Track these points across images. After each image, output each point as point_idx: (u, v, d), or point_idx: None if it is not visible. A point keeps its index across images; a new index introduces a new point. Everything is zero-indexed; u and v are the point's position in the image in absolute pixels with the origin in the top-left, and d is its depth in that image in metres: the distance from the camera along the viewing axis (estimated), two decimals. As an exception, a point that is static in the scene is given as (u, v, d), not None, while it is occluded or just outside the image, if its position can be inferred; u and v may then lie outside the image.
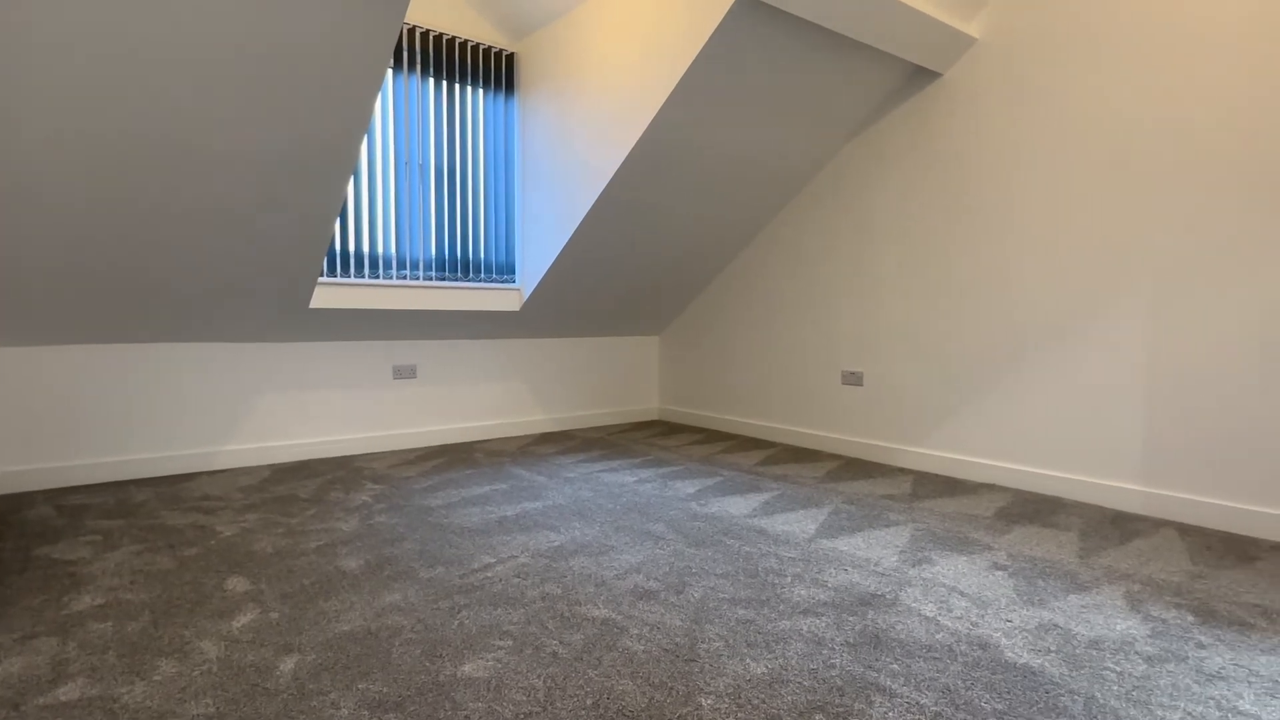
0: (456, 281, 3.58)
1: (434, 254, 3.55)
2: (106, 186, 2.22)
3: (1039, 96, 2.76)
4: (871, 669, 1.41)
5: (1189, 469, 2.43)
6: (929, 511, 2.54)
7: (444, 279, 3.58)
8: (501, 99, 3.69)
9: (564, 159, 3.40)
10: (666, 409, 4.66)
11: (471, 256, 3.68)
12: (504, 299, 3.68)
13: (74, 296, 2.56)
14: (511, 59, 3.71)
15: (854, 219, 3.46)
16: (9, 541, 2.14)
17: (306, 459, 3.35)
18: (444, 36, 3.47)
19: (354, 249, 3.27)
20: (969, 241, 3.01)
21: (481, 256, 3.71)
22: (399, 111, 3.35)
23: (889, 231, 3.31)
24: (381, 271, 3.36)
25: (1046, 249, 2.77)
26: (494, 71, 3.65)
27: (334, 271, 3.21)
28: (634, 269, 3.81)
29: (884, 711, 1.26)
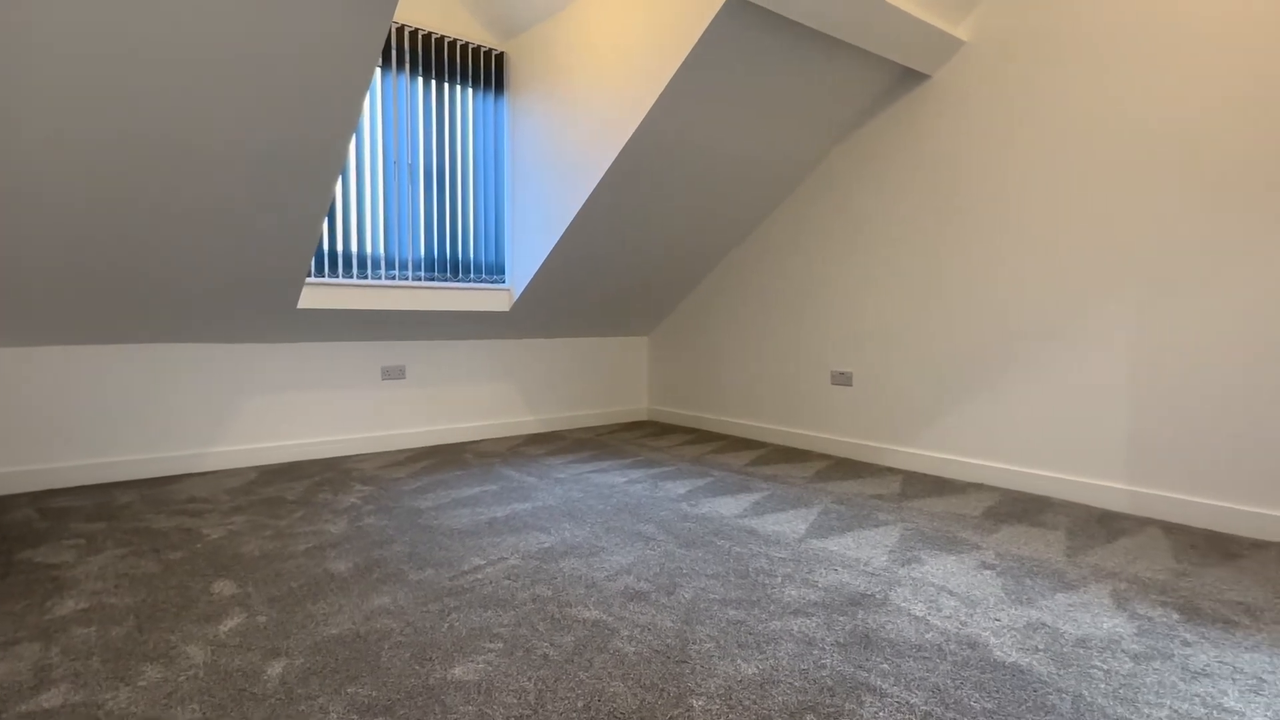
0: (446, 282, 3.56)
1: (423, 254, 3.53)
2: (91, 186, 2.20)
3: (1027, 99, 2.78)
4: (862, 669, 1.42)
5: (1173, 468, 2.45)
6: (918, 511, 2.55)
7: (433, 279, 3.56)
8: (491, 99, 3.68)
9: (554, 159, 3.40)
10: (656, 409, 4.66)
11: (461, 256, 3.66)
12: (493, 299, 3.67)
13: (55, 297, 2.53)
14: (501, 59, 3.69)
15: (844, 220, 3.47)
16: (-10, 545, 2.11)
17: (294, 460, 3.32)
18: (433, 36, 3.45)
19: (342, 249, 3.25)
20: (958, 242, 3.03)
21: (471, 256, 3.70)
22: (388, 111, 3.33)
23: (878, 232, 3.32)
24: (370, 272, 3.34)
25: (1035, 250, 2.79)
26: (483, 71, 3.64)
27: (322, 272, 3.19)
28: (624, 269, 3.81)
29: (874, 711, 1.27)
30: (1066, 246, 2.70)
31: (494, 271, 3.78)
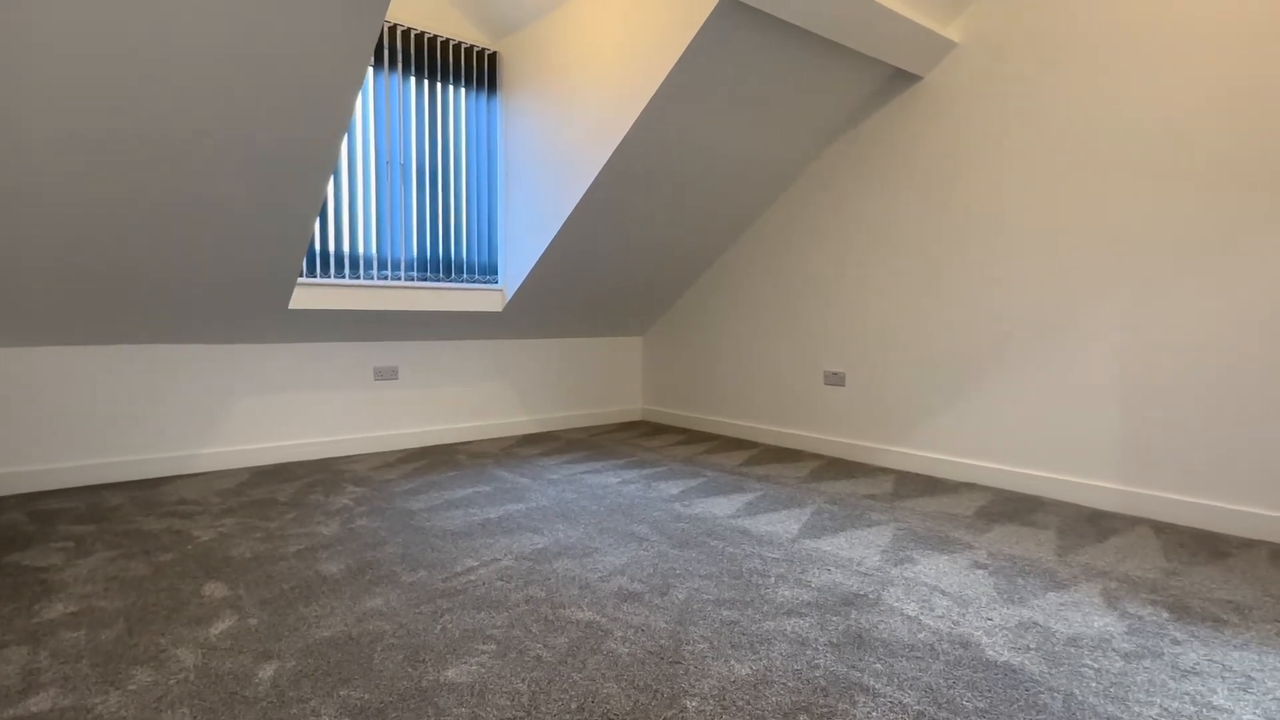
0: (438, 282, 3.55)
1: (415, 254, 3.52)
2: (80, 186, 2.18)
3: (1018, 100, 2.80)
4: (855, 669, 1.42)
5: (1164, 468, 2.47)
6: (910, 511, 2.56)
7: (426, 279, 3.55)
8: (484, 98, 3.67)
9: (547, 159, 3.39)
10: (650, 410, 4.66)
11: (453, 256, 3.65)
12: (486, 299, 3.66)
13: (43, 297, 2.51)
14: (494, 58, 3.69)
15: (837, 220, 3.48)
16: (-23, 548, 2.09)
17: (286, 462, 3.31)
18: (425, 35, 3.44)
19: (334, 249, 3.23)
20: (951, 243, 3.04)
21: (464, 256, 3.69)
22: (380, 110, 3.32)
23: (871, 233, 3.33)
24: (362, 272, 3.33)
25: (1027, 251, 2.80)
26: (476, 70, 3.63)
27: (314, 272, 3.17)
28: (617, 269, 3.81)
29: (867, 711, 1.27)
30: (1058, 247, 2.71)
31: (487, 271, 3.77)
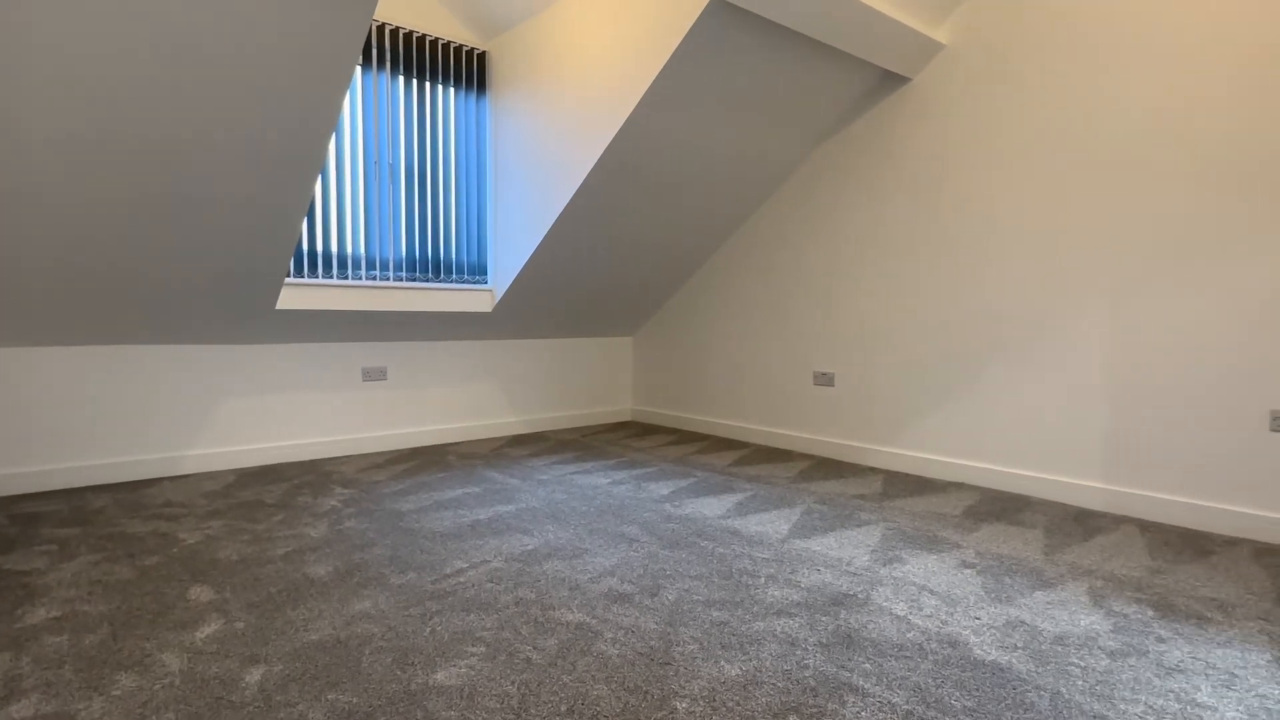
0: (427, 282, 3.53)
1: (404, 254, 3.50)
2: (66, 185, 2.15)
3: (1007, 102, 2.82)
4: (844, 669, 1.42)
5: (1149, 467, 2.50)
6: (899, 511, 2.57)
7: (414, 279, 3.54)
8: (473, 98, 3.66)
9: (536, 159, 3.38)
10: (640, 410, 4.66)
11: (442, 257, 3.64)
12: (476, 300, 3.64)
13: (25, 297, 2.47)
14: (483, 58, 3.67)
15: (826, 221, 3.50)
16: (-42, 552, 2.06)
17: (273, 463, 3.28)
18: (414, 34, 3.42)
19: (322, 249, 3.21)
20: (940, 244, 3.06)
21: (453, 257, 3.67)
22: (368, 109, 3.30)
23: (861, 233, 3.35)
24: (350, 272, 3.30)
25: (1015, 252, 2.82)
26: (465, 70, 3.62)
27: (301, 272, 3.15)
28: (607, 270, 3.81)
29: (857, 711, 1.27)
30: (1046, 248, 2.73)
31: (476, 272, 3.76)
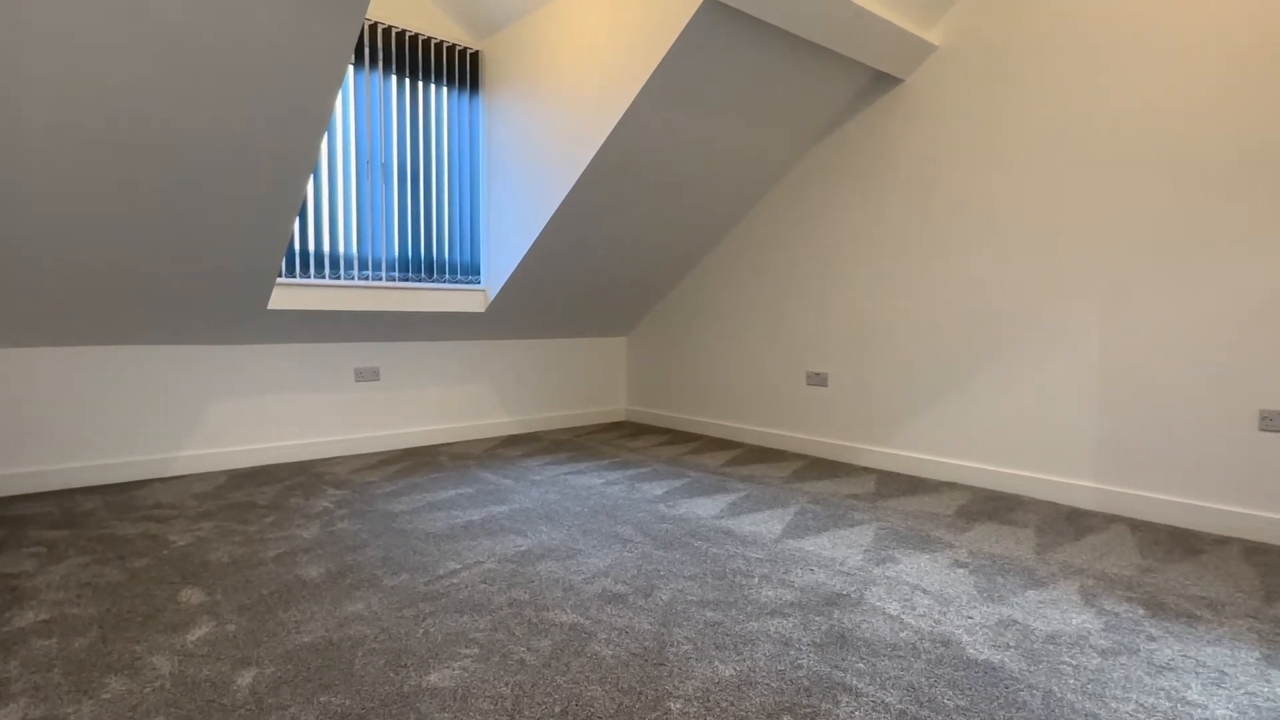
0: (420, 282, 3.52)
1: (397, 254, 3.49)
2: (54, 184, 2.13)
3: (998, 103, 2.83)
4: (838, 669, 1.43)
5: (1139, 466, 2.51)
6: (892, 510, 2.58)
7: (407, 279, 3.52)
8: (466, 97, 3.65)
9: (530, 159, 3.38)
10: (634, 410, 4.66)
11: (435, 257, 3.63)
12: (469, 300, 3.63)
13: (13, 297, 2.45)
14: (476, 57, 3.66)
15: (820, 221, 3.50)
16: (-55, 555, 2.04)
17: (265, 464, 3.26)
18: (406, 33, 3.41)
19: (314, 248, 3.19)
20: (932, 245, 3.07)
21: (446, 257, 3.66)
22: (360, 109, 3.29)
23: (854, 234, 3.36)
24: (343, 272, 3.29)
25: (1006, 253, 2.83)
26: (458, 69, 3.61)
27: (293, 272, 3.13)
28: (601, 270, 3.80)
29: (850, 711, 1.28)
30: (1037, 249, 2.75)
31: (469, 272, 3.74)
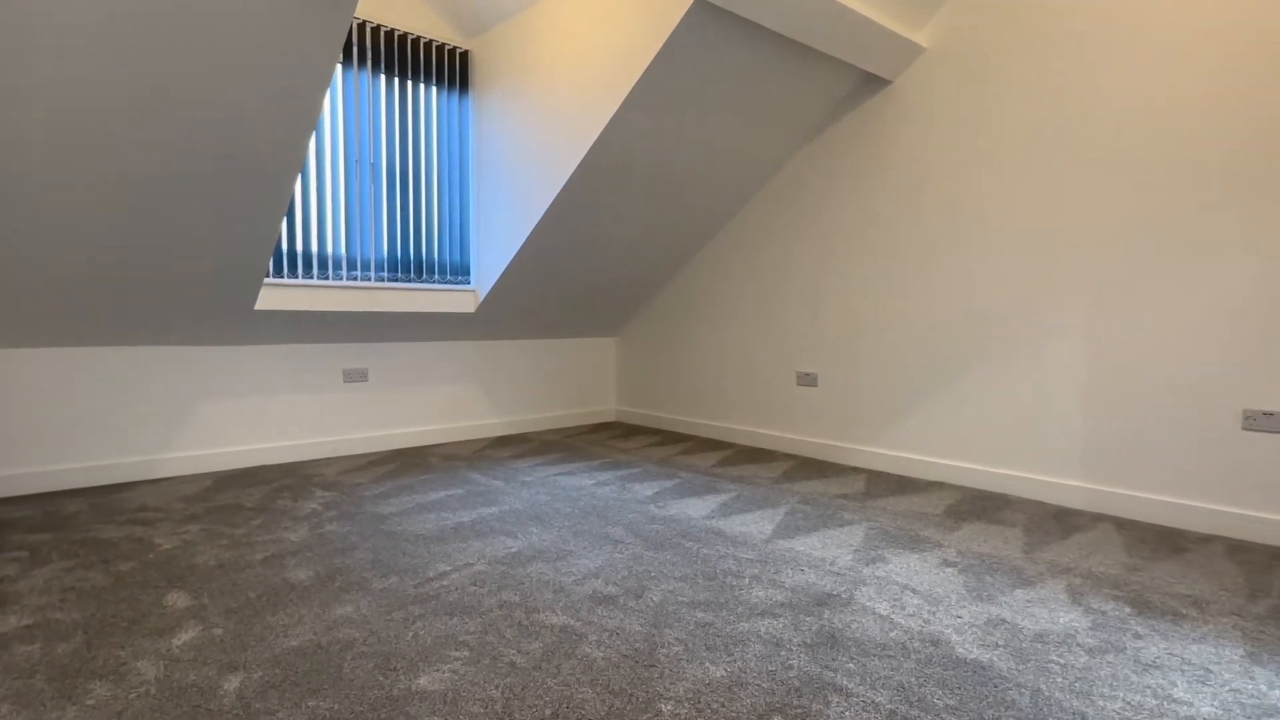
0: (409, 283, 3.51)
1: (386, 254, 3.47)
2: (39, 183, 2.11)
3: (986, 105, 2.85)
4: (828, 669, 1.43)
5: (1125, 465, 2.53)
6: (882, 510, 2.59)
7: (396, 280, 3.50)
8: (455, 97, 3.64)
9: (520, 159, 3.37)
10: (624, 410, 4.66)
11: (425, 257, 3.61)
12: (458, 300, 3.62)
13: (-3, 298, 2.42)
14: (466, 57, 3.65)
15: (809, 222, 3.51)
16: (-75, 559, 2.01)
17: (252, 466, 3.23)
18: (396, 32, 3.39)
19: (302, 249, 3.17)
20: (921, 246, 3.08)
21: (435, 257, 3.65)
22: (349, 108, 3.27)
23: (843, 235, 3.37)
24: (331, 272, 3.27)
25: (995, 253, 2.85)
26: (448, 69, 3.59)
27: (281, 272, 3.11)
28: (591, 270, 3.80)
29: (841, 711, 1.28)
30: (1026, 249, 2.76)
31: (459, 272, 3.73)
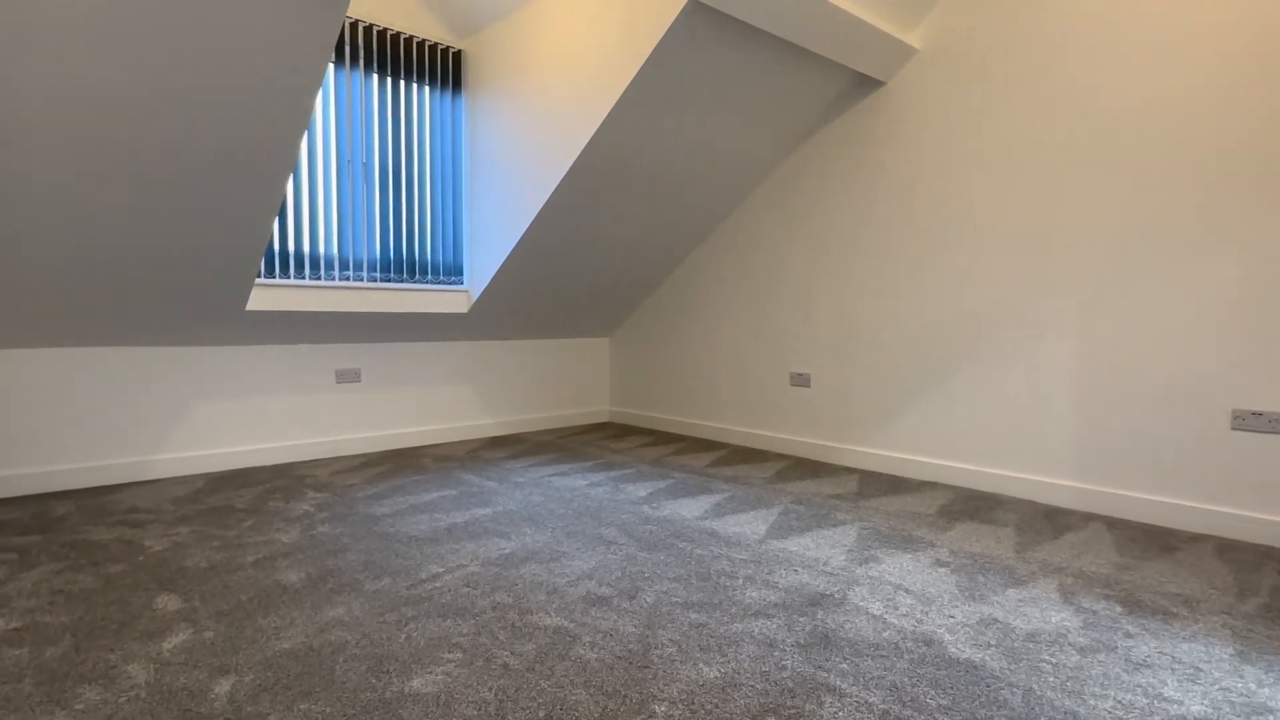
0: (402, 283, 3.49)
1: (378, 254, 3.46)
2: (29, 184, 2.09)
3: (978, 106, 2.86)
4: (822, 669, 1.43)
5: (1116, 465, 2.55)
6: (875, 510, 2.60)
7: (389, 280, 3.49)
8: (449, 97, 3.63)
9: (513, 159, 3.36)
10: (617, 411, 4.66)
11: (418, 257, 3.60)
12: (451, 300, 3.61)
13: (-15, 298, 2.40)
14: (459, 56, 3.64)
15: (803, 223, 3.52)
16: (-89, 562, 1.99)
17: (244, 467, 3.22)
18: (388, 32, 3.38)
19: (294, 249, 3.16)
20: (914, 246, 3.09)
21: (428, 257, 3.64)
22: (341, 108, 3.25)
23: (836, 236, 3.38)
24: (323, 272, 3.25)
25: (987, 254, 2.87)
26: (440, 69, 3.58)
27: (273, 272, 3.09)
28: (584, 270, 3.79)
29: (834, 711, 1.28)
30: (1017, 250, 2.78)
31: (452, 272, 3.72)
